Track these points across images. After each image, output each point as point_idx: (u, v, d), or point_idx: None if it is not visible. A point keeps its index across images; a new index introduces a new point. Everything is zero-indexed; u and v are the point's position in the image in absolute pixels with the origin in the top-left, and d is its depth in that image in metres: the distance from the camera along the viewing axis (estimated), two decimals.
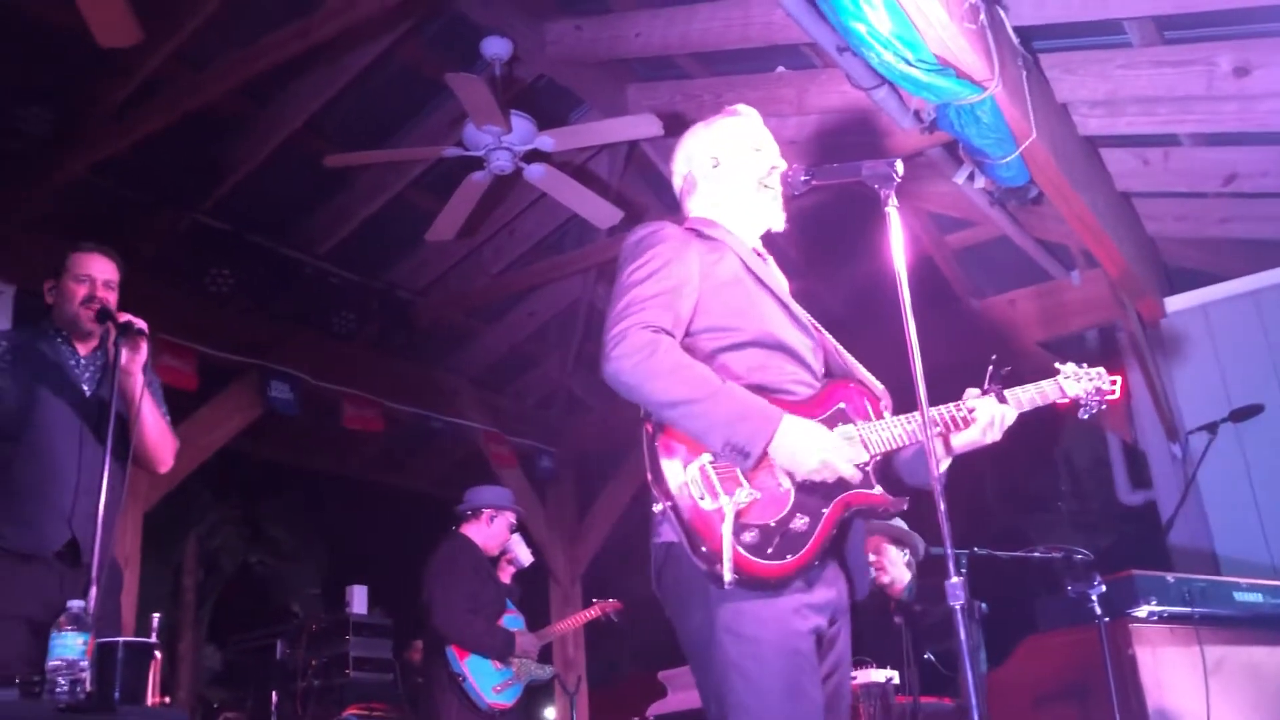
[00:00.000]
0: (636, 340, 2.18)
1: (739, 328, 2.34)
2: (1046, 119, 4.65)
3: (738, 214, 2.54)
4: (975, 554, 4.32)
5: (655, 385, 2.16)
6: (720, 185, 2.56)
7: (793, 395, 2.32)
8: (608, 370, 2.19)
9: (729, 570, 2.08)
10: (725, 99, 5.76)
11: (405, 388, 7.35)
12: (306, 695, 7.39)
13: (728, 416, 2.13)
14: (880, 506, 2.30)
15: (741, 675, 2.11)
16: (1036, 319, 6.97)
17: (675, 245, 2.36)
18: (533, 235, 7.15)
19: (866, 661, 4.27)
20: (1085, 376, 2.49)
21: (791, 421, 2.16)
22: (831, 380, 2.43)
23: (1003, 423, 2.38)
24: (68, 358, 3.37)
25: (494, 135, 5.08)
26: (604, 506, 8.54)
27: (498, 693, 4.98)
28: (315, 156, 5.48)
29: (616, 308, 2.26)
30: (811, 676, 2.15)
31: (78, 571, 3.08)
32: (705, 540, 2.11)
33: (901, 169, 2.29)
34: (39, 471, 3.18)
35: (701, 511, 2.14)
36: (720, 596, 2.14)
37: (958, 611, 2.02)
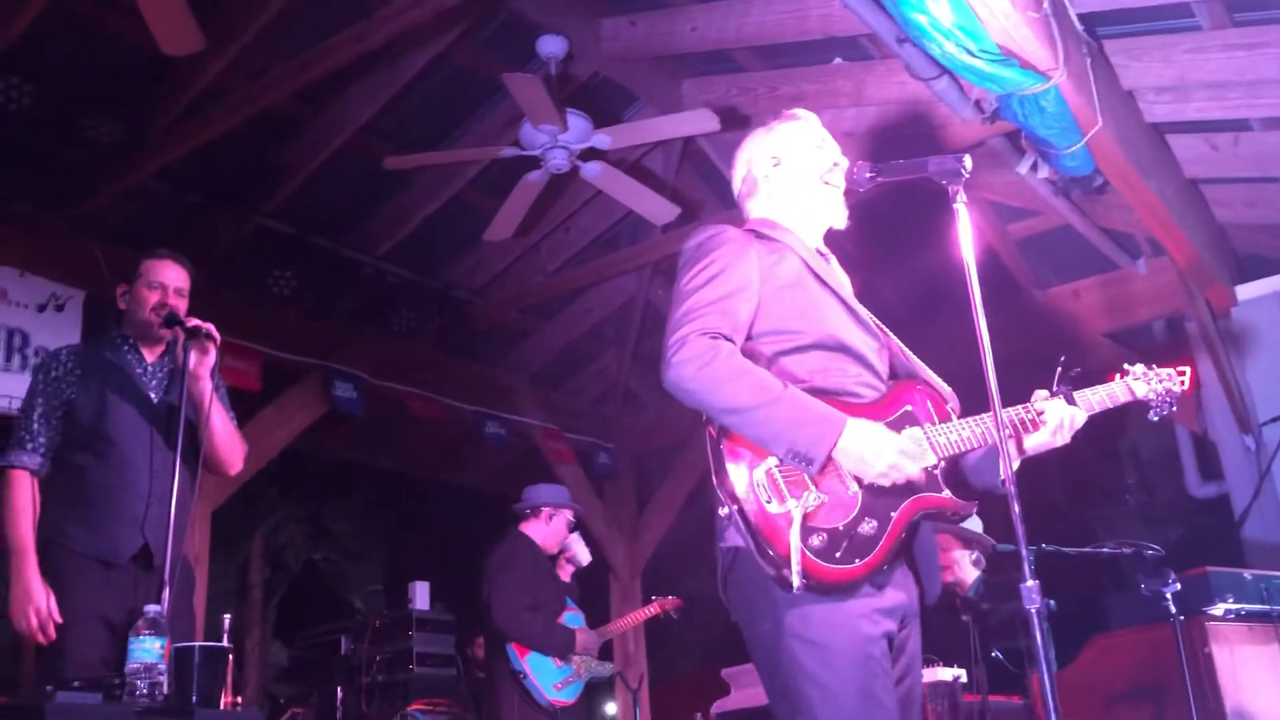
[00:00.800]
0: (696, 347, 2.16)
1: (801, 330, 2.31)
2: (1112, 107, 4.55)
3: (800, 213, 2.51)
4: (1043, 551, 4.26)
5: (716, 392, 2.14)
6: (782, 184, 2.53)
7: (858, 398, 2.29)
8: (668, 378, 2.18)
9: (797, 575, 2.05)
10: (781, 92, 5.72)
11: (464, 386, 7.40)
12: (371, 691, 7.48)
13: (790, 422, 2.11)
14: (949, 510, 2.27)
15: (813, 682, 2.09)
16: (1102, 309, 6.84)
17: (735, 248, 2.33)
18: (588, 233, 7.15)
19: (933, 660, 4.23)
20: (1155, 377, 2.45)
21: (856, 425, 2.14)
22: (898, 382, 2.40)
23: (1072, 425, 2.34)
24: (134, 365, 3.42)
25: (550, 134, 5.09)
26: (662, 501, 8.54)
27: (559, 690, 4.99)
28: (374, 159, 5.54)
29: (676, 314, 2.25)
30: (884, 682, 2.12)
31: (152, 575, 3.14)
32: (773, 544, 2.09)
33: (970, 165, 2.25)
34: (111, 479, 3.24)
35: (768, 515, 2.11)
36: (788, 601, 2.11)
37: (1034, 615, 1.98)
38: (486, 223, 5.85)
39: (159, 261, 3.47)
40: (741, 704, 4.90)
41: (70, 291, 5.47)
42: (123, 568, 3.17)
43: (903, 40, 4.00)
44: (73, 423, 3.29)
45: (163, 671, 2.40)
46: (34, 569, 3.08)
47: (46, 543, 3.18)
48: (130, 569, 3.18)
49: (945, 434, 2.26)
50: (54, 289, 5.42)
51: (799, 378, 2.24)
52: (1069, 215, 6.07)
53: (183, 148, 5.33)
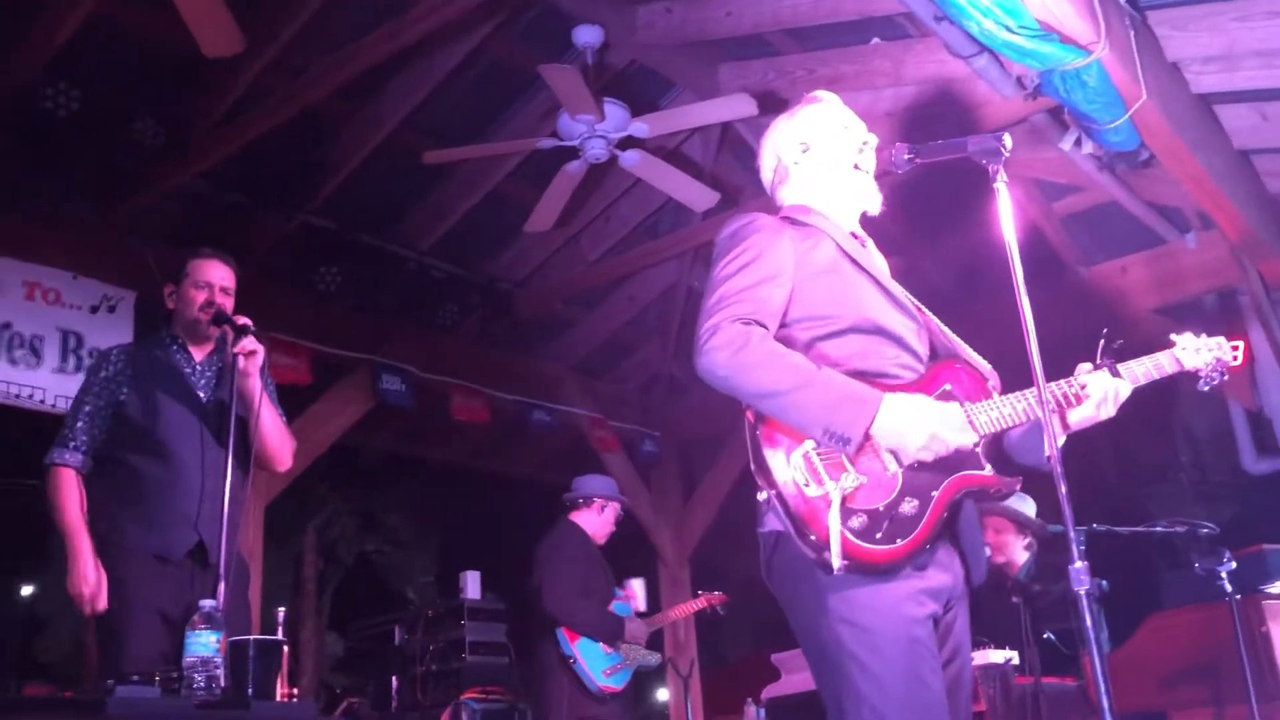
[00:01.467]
0: (728, 334, 2.16)
1: (837, 315, 2.30)
2: (1157, 79, 4.47)
3: (832, 197, 2.49)
4: (1094, 530, 4.22)
5: (749, 378, 2.14)
6: (812, 170, 2.52)
7: (897, 379, 2.28)
8: (701, 365, 2.18)
9: (838, 557, 2.05)
10: (819, 74, 5.68)
11: (509, 377, 7.45)
12: (425, 680, 7.56)
13: (825, 404, 2.10)
14: (991, 487, 2.24)
15: (858, 665, 2.08)
16: (1150, 285, 6.73)
17: (768, 235, 2.33)
18: (629, 221, 7.16)
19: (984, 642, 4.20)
20: (1204, 347, 2.40)
21: (893, 400, 2.12)
22: (937, 362, 2.38)
23: (1116, 398, 2.31)
24: (183, 364, 3.49)
25: (588, 124, 5.10)
26: (709, 488, 8.54)
27: (608, 676, 5.03)
28: (414, 154, 5.57)
29: (709, 302, 2.25)
30: (931, 664, 2.11)
31: (207, 571, 3.20)
32: (812, 528, 2.09)
33: (1010, 143, 2.22)
34: (164, 478, 3.31)
35: (807, 499, 2.11)
36: (831, 585, 2.11)
37: (1083, 597, 1.96)
38: (527, 214, 5.88)
39: (205, 261, 3.53)
40: (792, 689, 4.90)
41: (121, 292, 5.57)
42: (178, 564, 3.24)
43: (940, 18, 3.95)
44: (124, 422, 3.37)
45: (219, 665, 2.45)
46: (86, 545, 3.22)
47: (103, 540, 3.26)
48: (186, 565, 3.25)
49: (986, 411, 2.24)
50: (105, 290, 5.52)
51: (836, 362, 2.23)
52: (1115, 190, 5.98)
53: (226, 148, 5.40)
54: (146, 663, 2.93)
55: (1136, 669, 4.07)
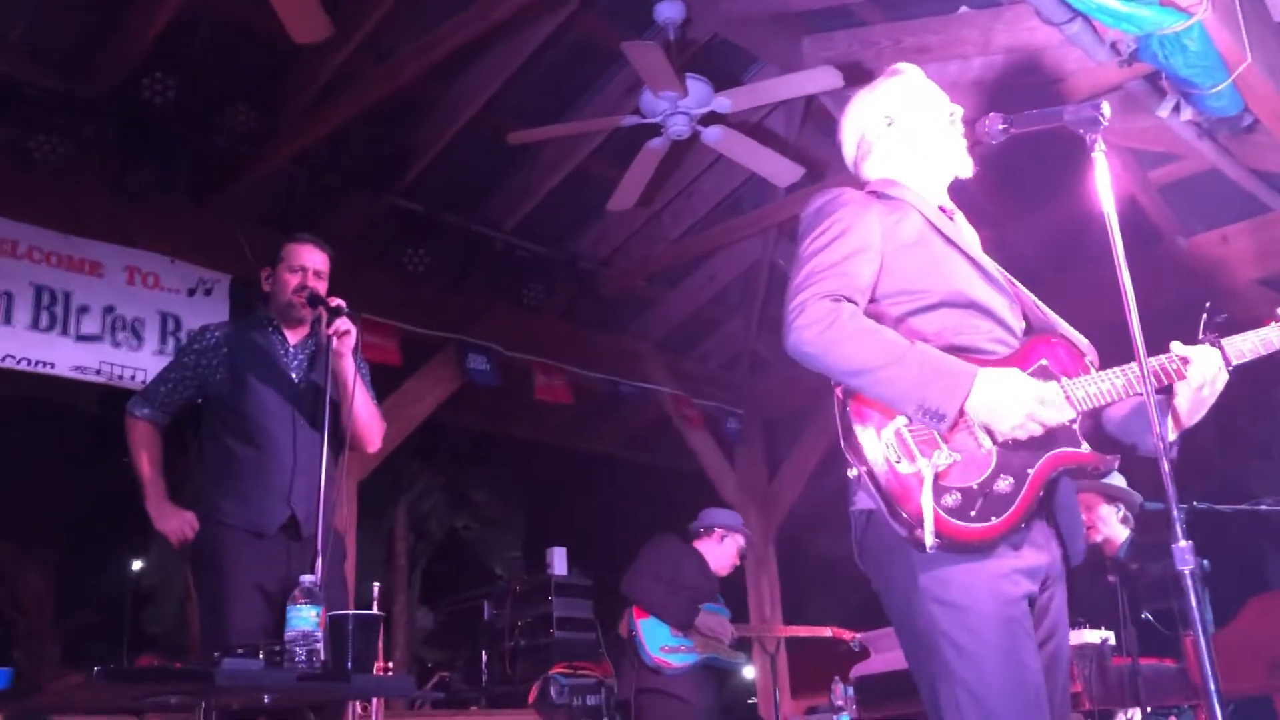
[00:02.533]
0: (817, 310, 2.13)
1: (928, 289, 2.26)
2: (1262, 41, 4.30)
3: (921, 169, 2.45)
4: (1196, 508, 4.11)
5: (839, 354, 2.11)
6: (897, 142, 2.47)
7: (991, 354, 2.22)
8: (790, 342, 2.15)
9: (930, 534, 2.02)
10: (905, 44, 5.57)
11: (593, 355, 7.49)
12: (514, 654, 7.69)
13: (917, 379, 2.07)
14: (1090, 465, 2.18)
15: (953, 645, 2.05)
16: (1253, 255, 6.50)
17: (855, 210, 2.29)
18: (711, 198, 7.13)
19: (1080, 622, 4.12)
20: None
21: (988, 375, 2.08)
22: (1032, 336, 2.32)
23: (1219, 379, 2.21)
24: (278, 346, 3.58)
25: (670, 101, 5.08)
26: (794, 466, 8.50)
27: (666, 652, 5.02)
28: (498, 134, 5.62)
29: (797, 279, 2.22)
30: (1028, 643, 2.07)
31: (304, 545, 3.29)
32: (904, 505, 2.06)
33: (1109, 111, 2.16)
34: (257, 457, 3.42)
35: (899, 476, 2.08)
36: (924, 563, 2.08)
37: (1187, 577, 1.91)
38: (610, 193, 5.89)
39: (299, 245, 3.62)
40: (881, 668, 4.87)
41: (217, 276, 5.73)
42: (273, 538, 3.34)
43: None
44: (219, 403, 3.49)
45: (319, 639, 2.52)
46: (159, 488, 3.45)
47: (204, 519, 3.39)
48: (280, 539, 3.35)
49: (1084, 387, 2.17)
50: (201, 274, 5.68)
51: (928, 336, 2.19)
52: (1215, 158, 5.76)
53: (316, 132, 5.51)
54: (247, 635, 3.02)
55: (1241, 651, 3.96)
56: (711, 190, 7.12)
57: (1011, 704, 2.02)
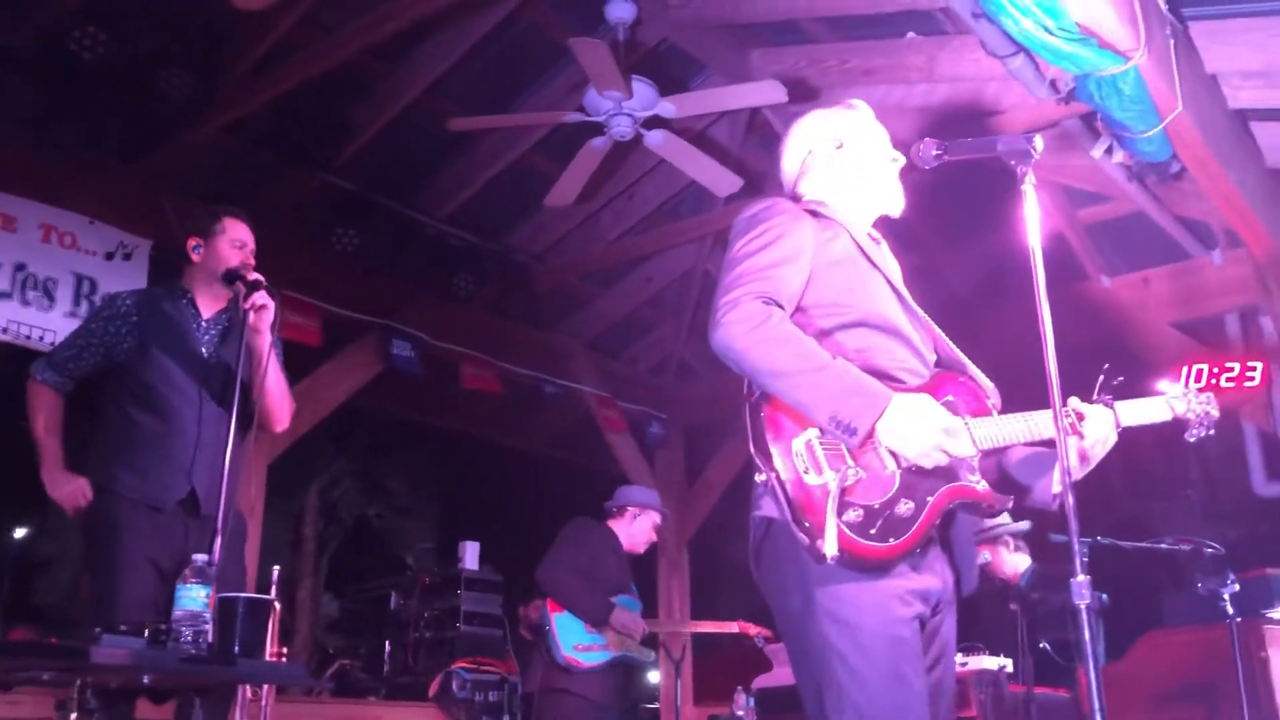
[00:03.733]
0: (748, 309, 2.14)
1: (850, 305, 2.29)
2: (1194, 91, 4.40)
3: (855, 197, 2.49)
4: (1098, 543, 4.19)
5: (764, 354, 2.11)
6: (841, 167, 2.51)
7: (901, 383, 2.26)
8: (716, 337, 2.15)
9: (832, 546, 2.03)
10: (851, 65, 5.61)
11: (521, 350, 7.43)
12: (418, 646, 7.59)
13: (836, 391, 2.08)
14: (984, 503, 2.24)
15: (842, 660, 2.07)
16: (1172, 299, 6.66)
17: (790, 219, 2.32)
18: (650, 202, 7.12)
19: (980, 648, 4.18)
20: (1194, 399, 2.42)
21: (902, 400, 2.10)
22: (941, 371, 2.37)
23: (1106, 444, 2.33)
24: (191, 319, 3.49)
25: (615, 101, 5.06)
26: (713, 475, 8.52)
27: (579, 650, 4.92)
28: (440, 119, 5.54)
29: (729, 277, 2.23)
30: (915, 665, 2.10)
31: (203, 523, 3.20)
32: (808, 515, 2.06)
33: (1041, 146, 2.19)
34: (159, 429, 3.32)
35: (806, 486, 2.08)
36: (820, 578, 2.10)
37: (1083, 611, 1.94)
38: (549, 188, 5.84)
39: (238, 220, 3.54)
40: (784, 680, 4.89)
41: (137, 241, 5.56)
42: (170, 514, 3.25)
43: (979, 15, 3.89)
44: (124, 371, 3.39)
45: (208, 620, 2.44)
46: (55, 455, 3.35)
47: (98, 488, 3.28)
48: (178, 515, 3.26)
49: (985, 428, 2.24)
50: (122, 237, 5.51)
51: (848, 354, 2.21)
52: (1143, 202, 5.91)
53: (253, 103, 5.39)
54: (137, 611, 2.93)
55: (1131, 684, 4.05)
56: (652, 194, 7.12)
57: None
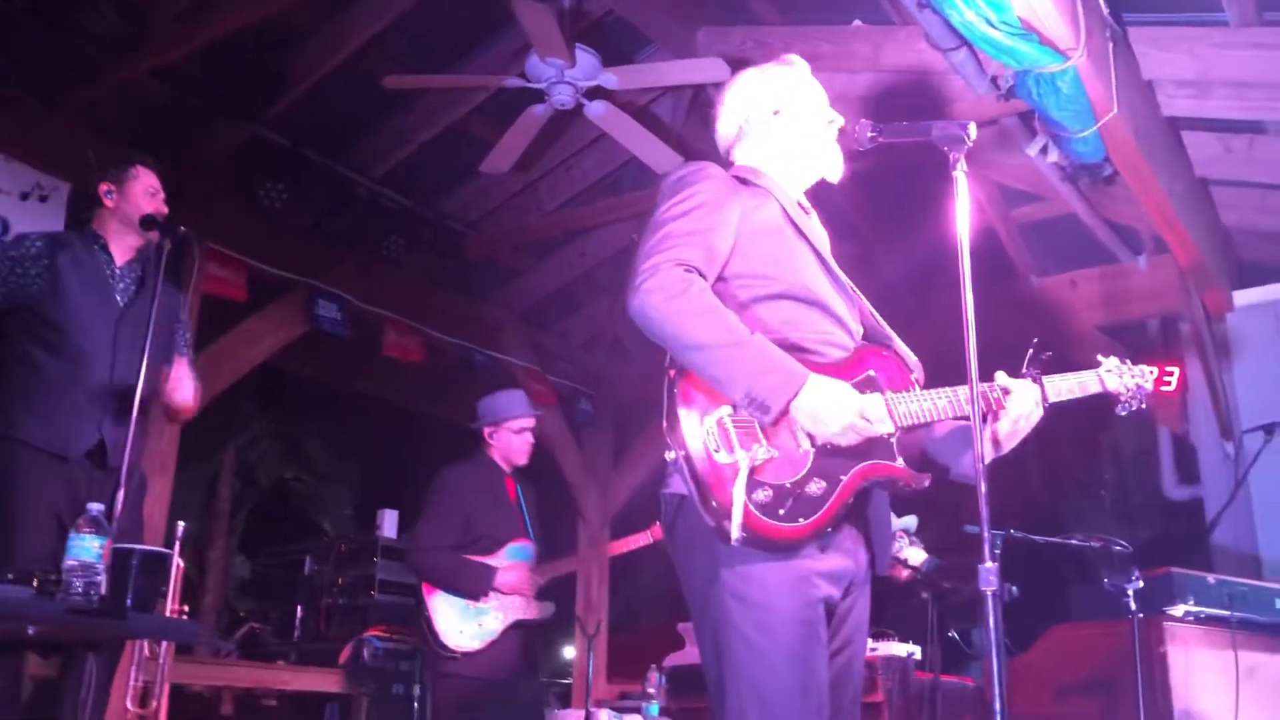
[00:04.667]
0: (669, 276, 2.10)
1: (774, 277, 2.26)
2: (1129, 95, 4.46)
3: (790, 164, 2.46)
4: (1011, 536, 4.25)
5: (682, 324, 2.08)
6: (777, 134, 2.47)
7: (823, 357, 2.24)
8: (634, 303, 2.11)
9: (738, 527, 2.01)
10: (797, 49, 5.53)
11: (450, 318, 7.32)
12: (331, 612, 7.52)
13: (752, 367, 2.06)
14: (900, 480, 2.22)
15: (744, 641, 2.06)
16: (1098, 302, 6.78)
17: (717, 185, 2.28)
18: (590, 175, 7.04)
19: (889, 634, 4.22)
20: (1128, 372, 2.42)
21: (818, 381, 2.08)
22: (865, 345, 2.35)
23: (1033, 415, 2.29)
24: (105, 265, 3.38)
25: (557, 68, 4.98)
26: (639, 453, 8.51)
27: (464, 633, 4.37)
28: (378, 76, 5.40)
29: (651, 241, 2.19)
30: (819, 650, 2.09)
31: (106, 475, 3.11)
32: (716, 494, 2.04)
33: (974, 132, 2.19)
34: (69, 375, 3.22)
35: (715, 464, 2.06)
36: (728, 557, 2.08)
37: (989, 597, 1.95)
38: (487, 153, 5.74)
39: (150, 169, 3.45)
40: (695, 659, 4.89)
41: (55, 183, 5.35)
42: (75, 463, 3.15)
43: (923, 6, 3.89)
44: (34, 314, 3.27)
45: (100, 572, 2.35)
46: None
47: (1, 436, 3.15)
48: (84, 466, 3.15)
49: (907, 403, 2.21)
50: (39, 179, 5.30)
51: (769, 327, 2.19)
52: (1074, 203, 5.99)
53: (184, 47, 5.21)
54: (35, 561, 2.82)
55: (1037, 676, 4.12)
56: (592, 167, 7.04)
57: (793, 706, 2.03)
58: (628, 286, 2.14)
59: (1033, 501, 8.25)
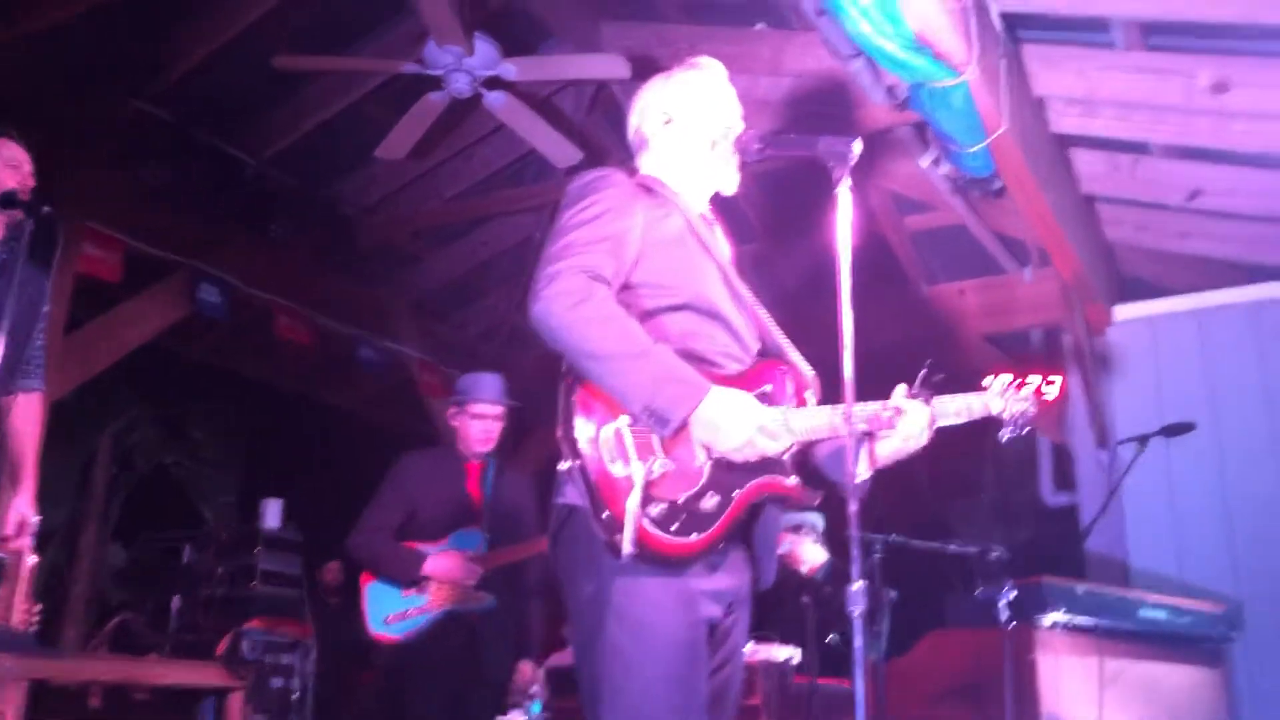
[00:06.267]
0: (572, 283, 2.07)
1: (676, 287, 2.24)
2: (1020, 111, 4.55)
3: (687, 175, 2.43)
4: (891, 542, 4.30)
5: (583, 333, 2.04)
6: (671, 144, 2.44)
7: (720, 369, 2.23)
8: (536, 310, 2.07)
9: (629, 541, 1.99)
10: (700, 49, 5.52)
11: (341, 305, 7.15)
12: (209, 603, 7.28)
13: (653, 379, 2.03)
14: (794, 496, 2.22)
15: (622, 658, 2.04)
16: (984, 311, 6.94)
17: (622, 193, 2.25)
18: (490, 164, 6.95)
19: (769, 637, 4.25)
20: (1014, 397, 2.44)
21: (719, 394, 2.06)
22: (763, 359, 2.35)
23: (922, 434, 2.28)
24: None
25: (455, 56, 4.89)
26: (533, 446, 8.44)
27: (389, 623, 4.19)
28: (271, 55, 5.23)
29: (555, 247, 2.15)
30: (699, 669, 2.08)
31: None
32: (609, 506, 2.02)
33: (859, 149, 2.19)
34: None
35: (610, 476, 2.04)
36: (615, 571, 2.05)
37: (855, 619, 1.96)
38: (383, 139, 5.61)
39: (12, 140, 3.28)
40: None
41: None
42: None
43: (821, 13, 3.91)
44: None
45: None
46: None
47: None
48: None
49: (803, 418, 2.20)
50: None
51: (670, 337, 2.18)
52: (964, 214, 6.11)
53: (62, 12, 4.96)
54: None
55: (912, 681, 4.18)
56: (493, 156, 6.94)
57: None
58: (529, 292, 2.10)
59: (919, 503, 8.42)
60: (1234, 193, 5.42)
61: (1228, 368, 5.90)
